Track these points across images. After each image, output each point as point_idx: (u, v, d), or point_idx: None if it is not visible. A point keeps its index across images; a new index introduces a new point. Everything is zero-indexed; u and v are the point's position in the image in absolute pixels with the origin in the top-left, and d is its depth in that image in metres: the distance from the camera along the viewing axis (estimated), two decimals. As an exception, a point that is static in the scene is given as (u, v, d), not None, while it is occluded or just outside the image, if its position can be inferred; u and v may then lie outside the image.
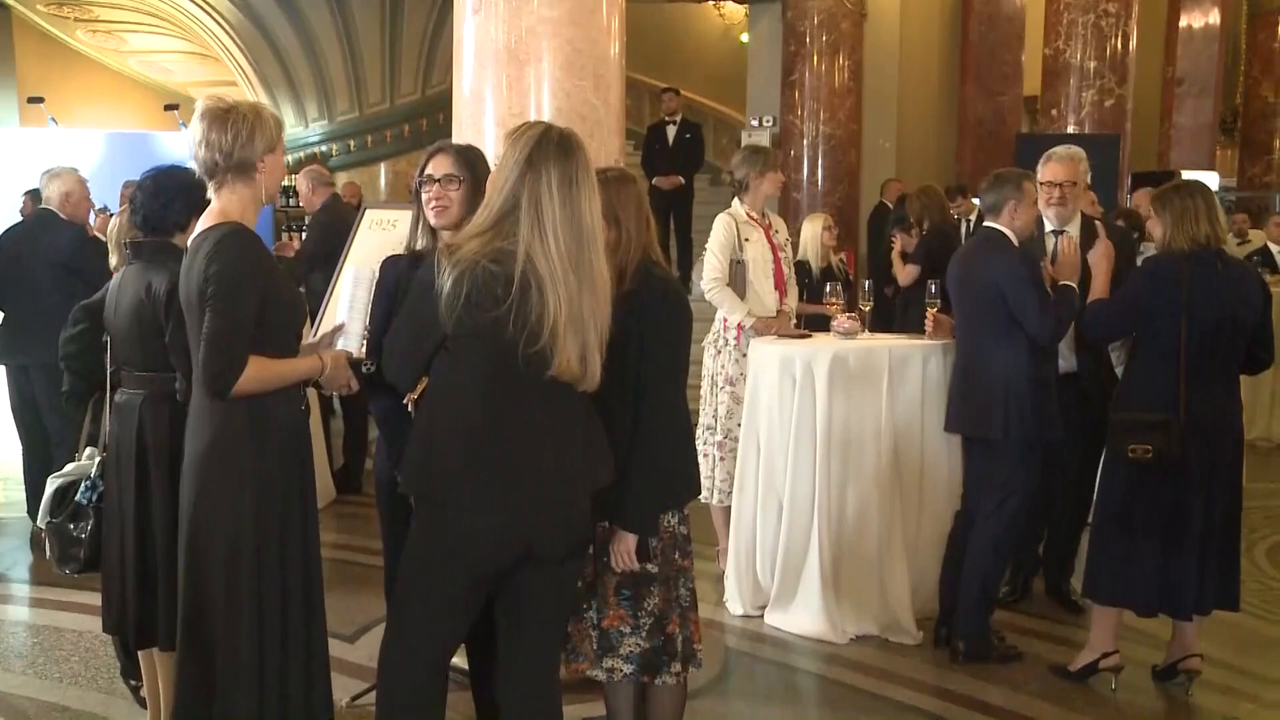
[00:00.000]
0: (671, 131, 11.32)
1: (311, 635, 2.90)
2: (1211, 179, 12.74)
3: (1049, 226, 4.64)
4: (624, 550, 2.86)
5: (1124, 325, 4.12)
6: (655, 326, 2.86)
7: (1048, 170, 4.63)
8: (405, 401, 2.89)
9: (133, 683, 3.79)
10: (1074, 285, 4.23)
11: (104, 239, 4.43)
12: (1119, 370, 4.55)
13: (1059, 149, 4.74)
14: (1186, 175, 11.83)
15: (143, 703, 3.65)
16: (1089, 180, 4.98)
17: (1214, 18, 13.85)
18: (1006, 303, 4.17)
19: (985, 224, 4.38)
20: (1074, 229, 4.67)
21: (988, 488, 4.31)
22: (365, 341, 3.04)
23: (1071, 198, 4.61)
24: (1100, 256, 4.25)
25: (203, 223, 2.82)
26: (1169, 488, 3.91)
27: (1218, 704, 4.08)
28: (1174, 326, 3.89)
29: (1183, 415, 3.86)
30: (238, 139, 2.76)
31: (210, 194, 2.83)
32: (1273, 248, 9.58)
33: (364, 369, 2.92)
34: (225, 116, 2.76)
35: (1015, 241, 4.30)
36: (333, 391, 2.95)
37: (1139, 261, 5.99)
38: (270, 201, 2.92)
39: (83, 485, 3.36)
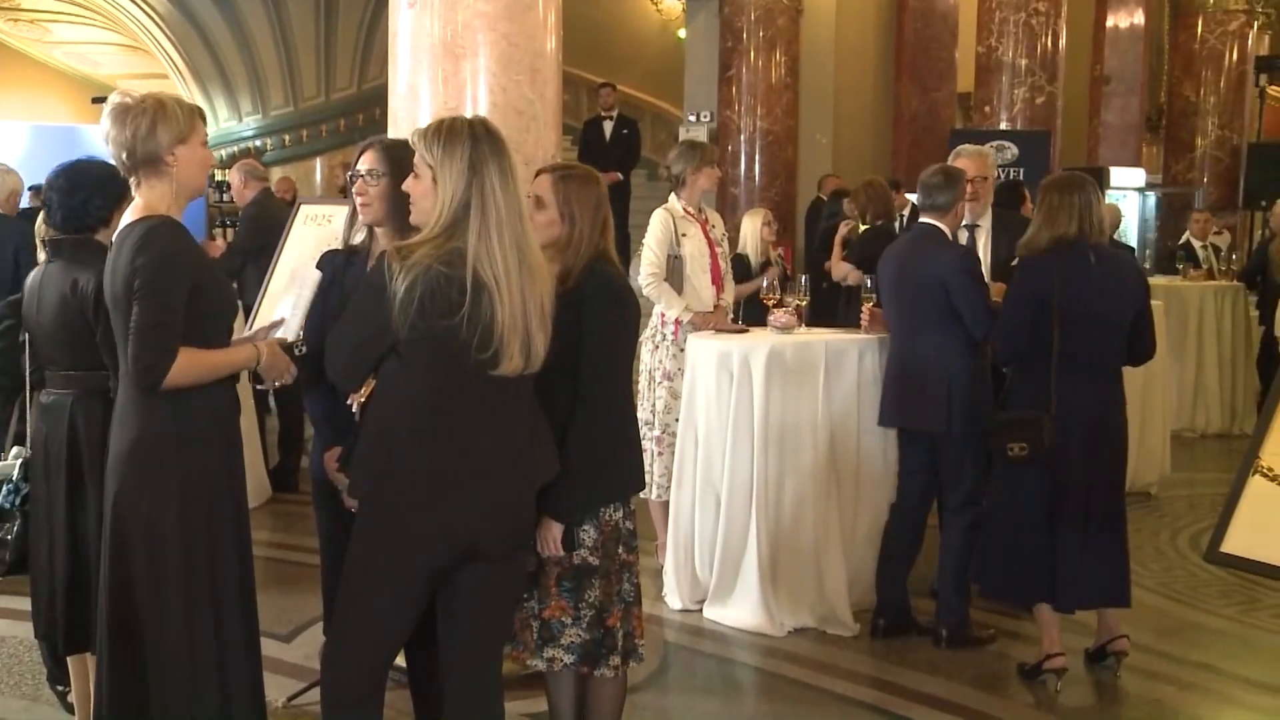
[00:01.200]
0: (609, 127, 11.32)
1: (248, 635, 2.86)
2: (1138, 175, 13.04)
3: (963, 220, 4.71)
4: (550, 538, 2.87)
5: (1020, 332, 4.05)
6: (596, 323, 2.88)
7: (959, 166, 4.70)
8: (350, 403, 2.87)
9: (60, 688, 3.72)
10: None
11: None
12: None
13: (966, 146, 4.85)
14: (1115, 172, 12.12)
15: (70, 709, 3.58)
16: (1017, 176, 5.11)
17: (1139, 18, 14.13)
18: (949, 297, 4.23)
19: (923, 220, 4.43)
20: (985, 223, 4.81)
21: (949, 482, 4.38)
22: (301, 335, 3.00)
23: (983, 192, 4.73)
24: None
25: (126, 218, 2.77)
26: (1047, 483, 3.96)
27: (1142, 688, 4.18)
28: (1046, 323, 3.93)
29: (1053, 411, 3.89)
30: (137, 134, 2.70)
31: (132, 189, 2.79)
32: (1195, 243, 9.80)
33: (296, 351, 2.86)
34: (125, 112, 2.71)
35: (950, 237, 4.38)
36: (273, 381, 2.88)
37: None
38: (196, 194, 2.86)
39: (4, 488, 3.29)
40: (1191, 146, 13.13)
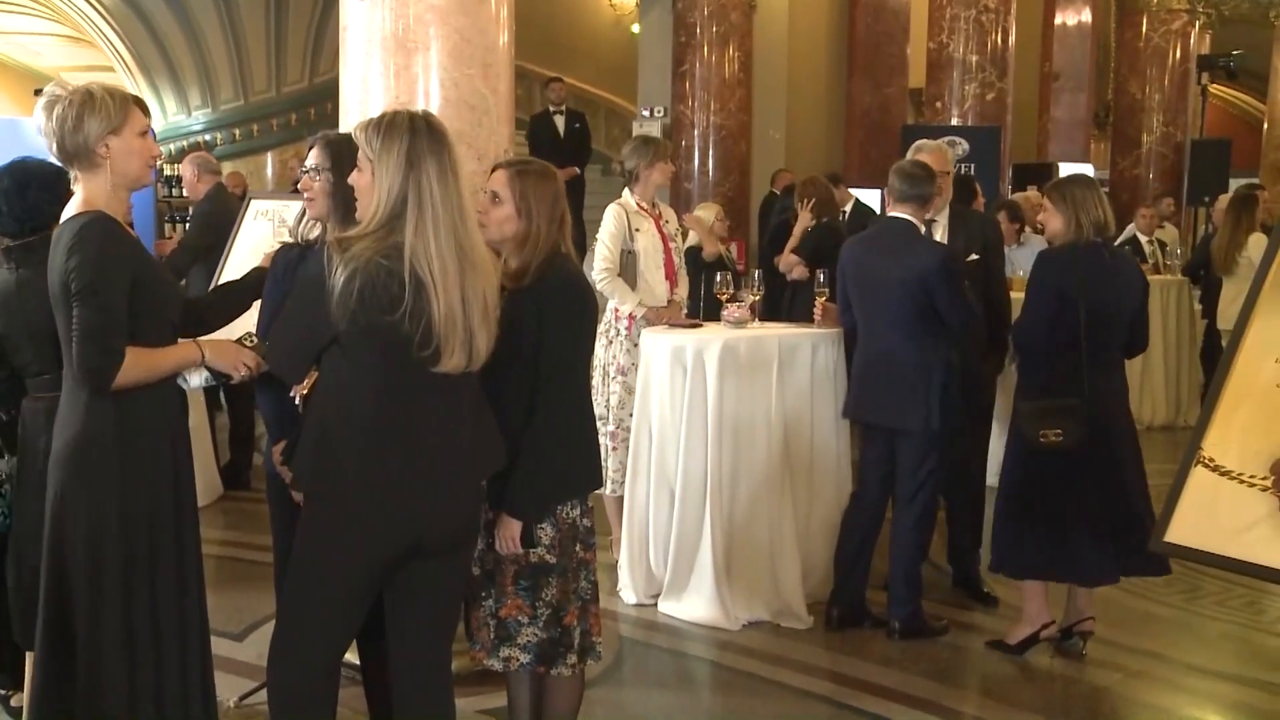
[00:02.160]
0: (560, 121, 11.27)
1: (189, 636, 2.81)
2: (1086, 171, 13.20)
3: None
4: (508, 535, 2.86)
5: (1043, 324, 4.18)
6: (554, 318, 2.87)
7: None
8: (292, 395, 2.85)
9: (1, 692, 3.66)
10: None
11: None
12: (1010, 362, 4.71)
13: (927, 141, 4.88)
14: (1064, 167, 12.26)
15: (15, 713, 3.53)
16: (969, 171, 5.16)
17: (1086, 16, 14.30)
18: (929, 295, 4.27)
19: (894, 214, 4.45)
20: (943, 218, 4.85)
21: (905, 474, 4.43)
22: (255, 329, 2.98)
23: (944, 187, 4.77)
24: None
25: (66, 213, 2.72)
26: (1069, 469, 4.09)
27: (1091, 675, 4.25)
28: (1074, 315, 4.04)
29: (1087, 402, 4.03)
30: (64, 126, 2.65)
31: (72, 182, 2.75)
32: (1141, 238, 9.94)
33: (247, 342, 2.79)
34: (51, 105, 2.67)
35: (922, 231, 4.42)
36: (230, 374, 2.80)
37: (1011, 251, 6.18)
38: (135, 186, 2.77)
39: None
40: (1138, 143, 13.32)
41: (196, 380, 2.73)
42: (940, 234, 4.85)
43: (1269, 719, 3.96)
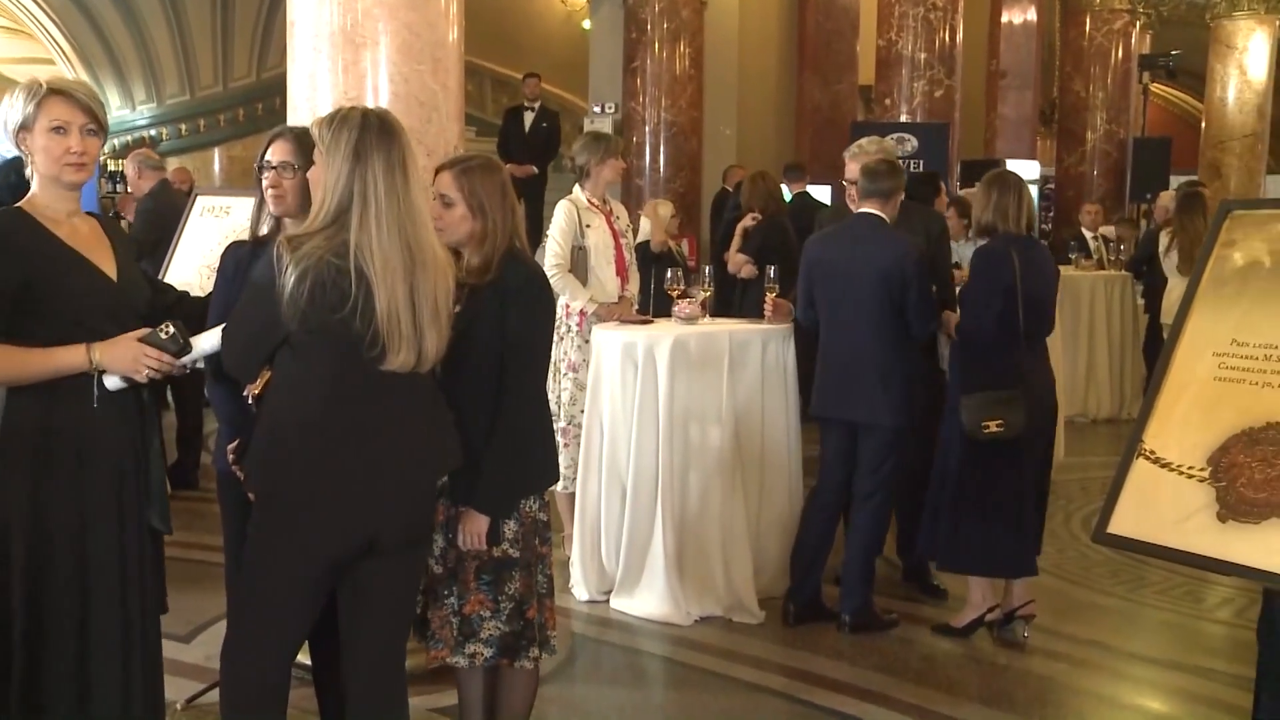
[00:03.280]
0: (529, 118, 11.23)
1: (131, 641, 2.72)
2: (1033, 168, 13.37)
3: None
4: (474, 532, 2.87)
5: (991, 317, 4.25)
6: (518, 314, 2.87)
7: (848, 170, 4.80)
8: (246, 394, 2.81)
9: None
10: None
11: None
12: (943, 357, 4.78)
13: (856, 146, 4.87)
14: (1010, 164, 12.41)
15: None
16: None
17: (1032, 15, 14.49)
18: (901, 291, 4.31)
19: (867, 210, 4.48)
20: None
21: (866, 470, 4.47)
22: (170, 327, 2.87)
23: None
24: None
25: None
26: (1008, 460, 4.21)
27: (1037, 666, 4.31)
28: (1012, 306, 4.17)
29: (1026, 393, 4.17)
30: (3, 120, 2.60)
31: None
32: (1087, 234, 10.09)
33: (162, 334, 2.62)
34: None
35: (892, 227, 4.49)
36: (133, 375, 2.61)
37: (960, 246, 6.25)
38: (58, 184, 2.65)
39: None
40: (1082, 140, 13.50)
41: (113, 381, 2.60)
42: None
43: (1208, 704, 4.04)
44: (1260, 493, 2.36)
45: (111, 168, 10.45)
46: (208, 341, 2.68)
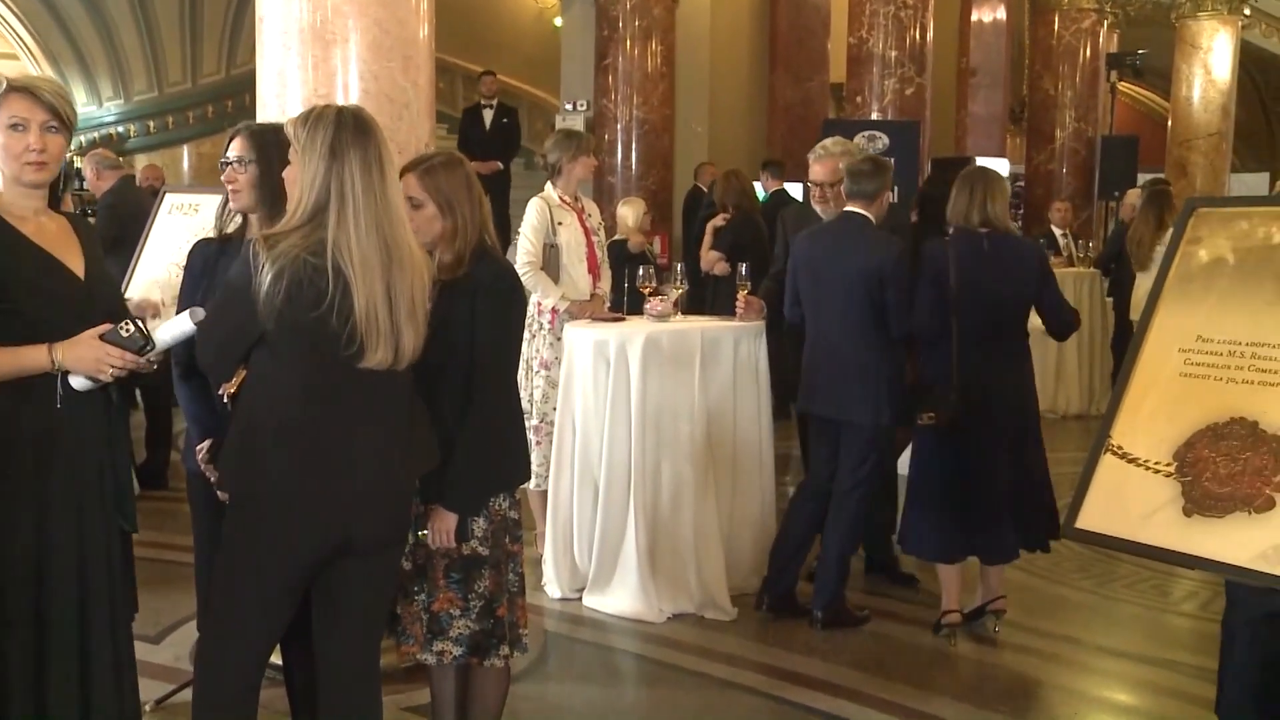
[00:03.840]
0: (489, 115, 11.26)
1: (88, 650, 2.66)
2: (1002, 165, 13.44)
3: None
4: (444, 529, 2.86)
5: (930, 312, 4.31)
6: (489, 310, 2.87)
7: (811, 172, 4.83)
8: (221, 393, 2.79)
9: None
10: None
11: None
12: None
13: (820, 147, 4.87)
14: (980, 161, 12.48)
15: None
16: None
17: (1001, 14, 14.56)
18: (882, 290, 4.33)
19: (853, 209, 4.49)
20: None
21: (847, 467, 4.50)
22: (133, 325, 2.84)
23: (833, 196, 4.72)
24: None
25: None
26: (959, 452, 4.28)
27: (1008, 661, 4.35)
28: (947, 302, 4.22)
29: (955, 384, 4.22)
30: None
31: None
32: (1056, 231, 10.17)
33: (123, 333, 2.56)
34: None
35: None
36: (97, 376, 2.56)
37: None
38: (16, 182, 2.61)
39: None
40: (1051, 138, 13.59)
41: (79, 381, 2.55)
42: None
43: (1173, 696, 4.08)
44: (1224, 487, 2.39)
45: (76, 164, 10.35)
46: (168, 333, 2.63)
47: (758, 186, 8.47)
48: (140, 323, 2.59)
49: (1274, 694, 2.94)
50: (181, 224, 4.66)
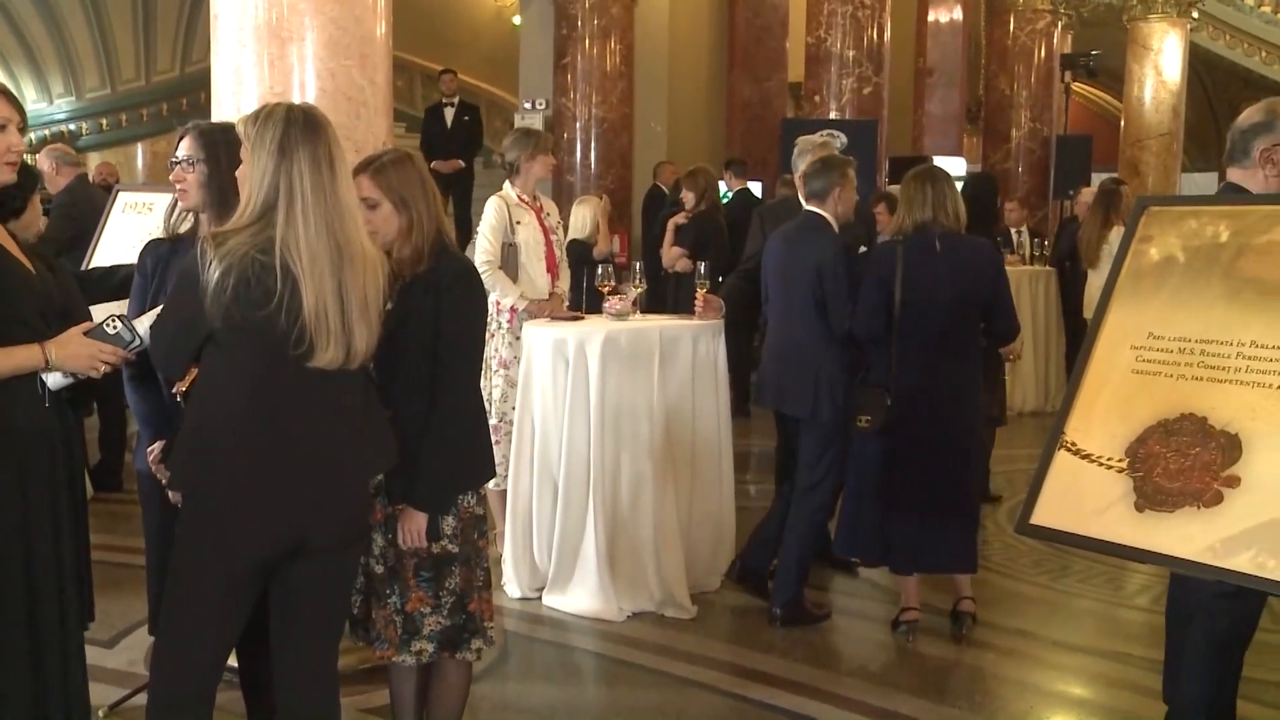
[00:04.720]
0: (450, 114, 11.25)
1: (45, 642, 2.65)
2: (959, 164, 13.56)
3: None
4: (414, 529, 2.86)
5: (874, 314, 4.31)
6: (451, 307, 2.86)
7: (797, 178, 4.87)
8: (174, 391, 2.76)
9: None
10: None
11: None
12: None
13: (796, 151, 4.99)
14: (937, 160, 12.59)
15: None
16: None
17: (958, 14, 14.70)
18: (821, 286, 4.36)
19: (809, 208, 4.55)
20: None
21: (804, 464, 4.55)
22: (116, 321, 2.83)
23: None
24: None
25: None
26: (890, 454, 4.30)
27: (965, 656, 4.38)
28: (890, 304, 4.23)
29: (892, 387, 4.23)
30: None
31: None
32: (1011, 230, 10.26)
33: (109, 330, 2.59)
34: None
35: (835, 227, 4.51)
36: (89, 373, 2.59)
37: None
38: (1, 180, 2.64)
39: None
40: (1007, 137, 13.73)
41: (55, 379, 2.56)
42: None
43: (1125, 688, 4.14)
44: (1175, 482, 2.42)
45: (29, 162, 10.22)
46: (147, 326, 2.65)
47: (721, 185, 8.51)
48: (124, 319, 2.61)
49: (1229, 668, 3.00)
50: (135, 223, 4.61)
